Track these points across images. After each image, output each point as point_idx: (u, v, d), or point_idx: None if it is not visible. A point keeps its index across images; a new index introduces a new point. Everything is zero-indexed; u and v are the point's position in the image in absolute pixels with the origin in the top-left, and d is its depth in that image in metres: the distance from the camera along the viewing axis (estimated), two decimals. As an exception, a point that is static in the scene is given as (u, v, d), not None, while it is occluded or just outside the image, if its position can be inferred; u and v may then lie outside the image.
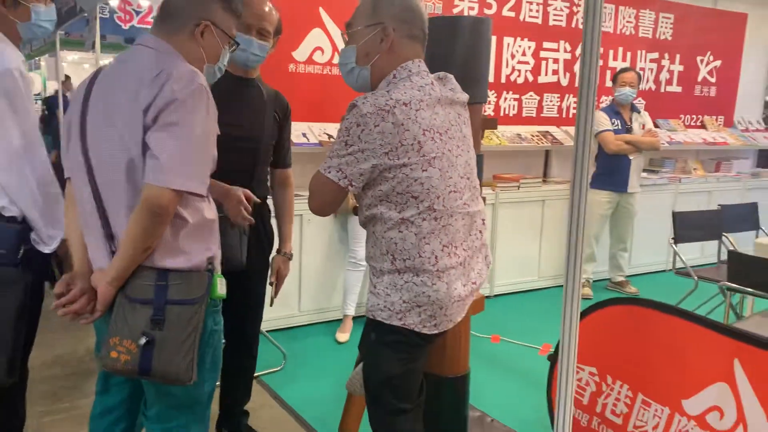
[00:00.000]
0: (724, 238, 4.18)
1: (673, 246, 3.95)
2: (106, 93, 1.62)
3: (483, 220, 1.95)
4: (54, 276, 2.03)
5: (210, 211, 1.69)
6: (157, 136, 1.52)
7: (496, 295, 4.89)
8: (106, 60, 9.78)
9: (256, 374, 3.32)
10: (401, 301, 1.78)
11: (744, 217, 4.39)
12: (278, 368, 3.48)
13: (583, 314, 2.60)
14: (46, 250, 1.91)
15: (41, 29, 2.05)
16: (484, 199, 2.65)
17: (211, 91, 2.27)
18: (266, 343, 3.65)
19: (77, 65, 13.19)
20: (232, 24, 1.75)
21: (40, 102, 11.36)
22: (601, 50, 5.59)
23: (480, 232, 1.92)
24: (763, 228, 4.46)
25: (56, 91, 9.21)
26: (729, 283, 3.01)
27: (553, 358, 2.71)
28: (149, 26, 7.28)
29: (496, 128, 3.29)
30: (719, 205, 4.35)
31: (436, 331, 1.84)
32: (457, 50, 2.45)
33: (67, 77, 10.85)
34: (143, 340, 1.53)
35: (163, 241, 1.58)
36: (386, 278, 1.81)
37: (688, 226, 3.99)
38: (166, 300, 1.57)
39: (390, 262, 1.79)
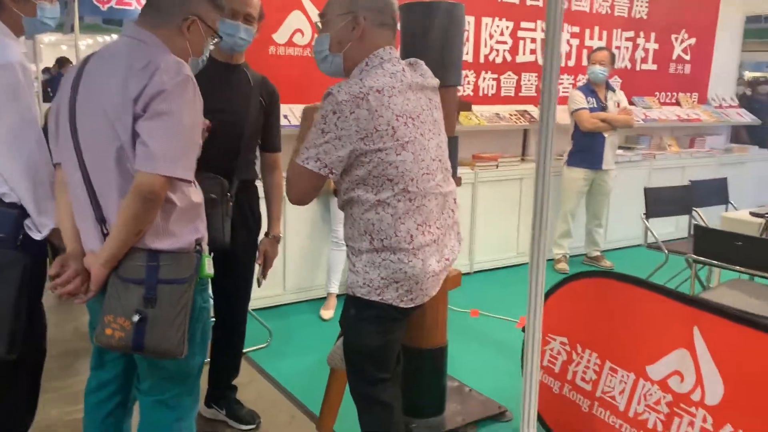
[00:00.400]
0: (694, 212, 4.33)
1: (645, 221, 4.09)
2: (94, 82, 1.69)
3: (455, 199, 2.05)
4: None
5: (196, 195, 1.78)
6: (147, 125, 1.59)
7: (475, 272, 5.02)
8: (85, 41, 9.62)
9: (243, 351, 3.43)
10: (379, 277, 1.88)
11: (714, 192, 4.54)
12: (264, 345, 3.59)
13: (555, 287, 2.73)
14: (38, 236, 1.98)
15: (45, 26, 2.10)
16: (459, 179, 2.76)
17: (198, 77, 2.35)
18: (252, 321, 3.75)
19: (54, 46, 13.02)
20: (216, 18, 1.82)
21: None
22: (578, 29, 5.70)
23: (452, 210, 2.02)
24: (732, 202, 4.61)
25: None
26: (694, 256, 3.15)
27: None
28: (128, 7, 7.22)
29: (470, 110, 3.37)
30: (690, 180, 4.49)
31: (412, 305, 1.95)
32: (434, 35, 2.53)
33: (67, 60, 10.67)
34: (136, 318, 1.62)
35: (154, 224, 1.66)
36: (365, 257, 1.90)
37: (659, 202, 4.13)
38: (157, 279, 1.66)
39: (368, 242, 1.88)
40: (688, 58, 6.70)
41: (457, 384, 3.08)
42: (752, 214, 3.46)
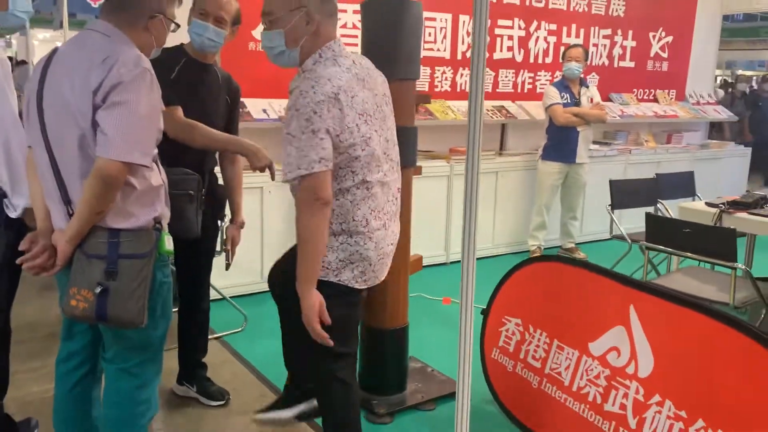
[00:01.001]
0: (659, 204, 4.47)
1: (610, 212, 4.24)
2: (60, 73, 1.82)
3: (398, 188, 2.18)
4: None
5: (156, 178, 1.91)
6: (106, 114, 1.73)
7: (452, 262, 5.17)
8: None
9: (218, 335, 3.58)
10: (337, 260, 2.01)
11: (680, 184, 4.68)
12: (239, 329, 3.73)
13: (511, 272, 2.89)
14: (13, 215, 2.12)
15: (17, 19, 2.23)
16: (419, 168, 2.90)
17: (176, 76, 2.49)
18: (229, 307, 3.90)
19: (49, 43, 13.18)
20: (174, 9, 1.96)
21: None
22: (555, 27, 5.83)
23: (395, 198, 2.15)
24: (699, 195, 4.75)
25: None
26: (646, 243, 3.29)
27: (485, 312, 2.99)
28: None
29: (429, 102, 3.50)
30: (656, 174, 4.63)
31: (365, 286, 2.09)
32: (396, 32, 2.66)
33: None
34: (98, 289, 1.76)
35: (114, 205, 1.80)
36: None
37: (624, 194, 4.27)
38: (118, 255, 1.80)
39: None
40: (665, 55, 6.84)
41: (420, 365, 3.22)
42: (708, 204, 3.60)
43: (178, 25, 2.02)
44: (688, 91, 7.17)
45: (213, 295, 3.52)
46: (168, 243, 1.92)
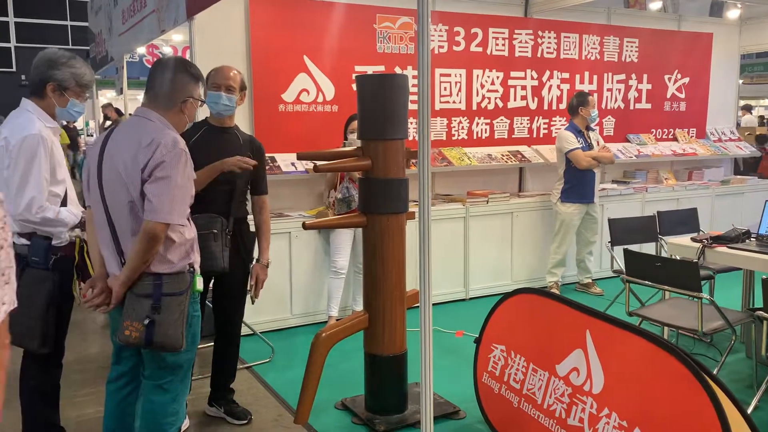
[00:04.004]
0: (661, 240, 4.74)
1: (610, 249, 4.53)
2: (115, 150, 2.34)
3: None
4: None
5: (190, 232, 2.39)
6: (151, 187, 2.23)
7: (471, 298, 5.52)
8: (136, 96, 10.86)
9: (248, 365, 4.04)
10: None
11: (682, 221, 4.92)
12: (267, 360, 4.18)
13: (498, 303, 3.27)
14: (55, 242, 2.66)
15: (71, 116, 2.81)
16: (413, 213, 3.31)
17: (198, 139, 3.05)
18: (260, 340, 4.37)
19: (113, 100, 14.61)
20: (200, 90, 2.47)
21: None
22: (567, 75, 6.21)
23: None
24: (703, 230, 4.97)
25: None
26: (626, 276, 3.61)
27: (478, 341, 3.36)
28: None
29: (416, 158, 3.92)
30: (657, 211, 4.90)
31: None
32: (385, 100, 3.13)
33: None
34: (146, 321, 2.25)
35: (158, 255, 2.29)
36: None
37: (623, 231, 4.56)
38: (161, 293, 2.28)
39: None
40: (683, 96, 7.09)
41: (424, 390, 3.59)
42: (693, 239, 3.88)
43: (204, 102, 2.54)
44: (709, 129, 7.38)
45: (245, 330, 4.02)
46: (199, 283, 2.40)
